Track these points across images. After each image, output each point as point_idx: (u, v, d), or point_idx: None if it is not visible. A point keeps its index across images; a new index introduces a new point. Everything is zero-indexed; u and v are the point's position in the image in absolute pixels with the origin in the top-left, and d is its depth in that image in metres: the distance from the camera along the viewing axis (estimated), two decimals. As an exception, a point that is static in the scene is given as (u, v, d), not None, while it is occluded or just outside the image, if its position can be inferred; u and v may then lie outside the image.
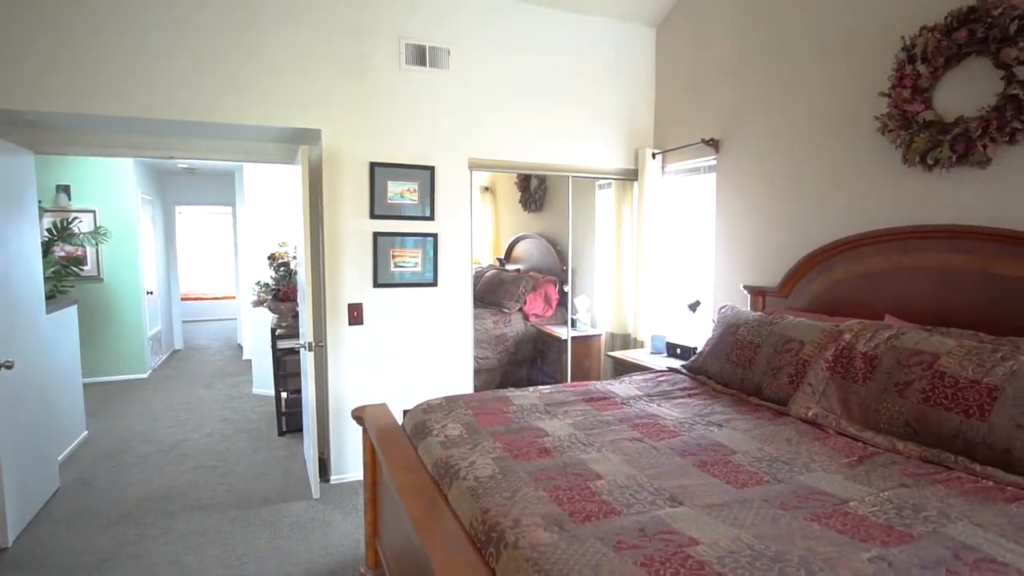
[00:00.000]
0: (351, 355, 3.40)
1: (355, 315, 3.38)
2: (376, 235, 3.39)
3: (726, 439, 1.93)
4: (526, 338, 4.71)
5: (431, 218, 3.51)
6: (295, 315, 4.29)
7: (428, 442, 1.96)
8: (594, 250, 4.56)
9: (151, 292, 6.55)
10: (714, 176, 3.57)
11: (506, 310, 4.71)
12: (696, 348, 3.27)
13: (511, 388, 2.62)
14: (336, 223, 3.31)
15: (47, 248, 4.62)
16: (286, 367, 4.29)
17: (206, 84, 2.98)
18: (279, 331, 4.29)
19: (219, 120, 3.03)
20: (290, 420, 4.31)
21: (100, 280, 5.87)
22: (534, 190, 5.07)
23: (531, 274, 4.93)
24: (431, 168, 3.48)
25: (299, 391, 4.24)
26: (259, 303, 4.66)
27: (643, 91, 4.05)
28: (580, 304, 4.50)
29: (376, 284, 3.42)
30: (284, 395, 4.34)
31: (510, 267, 5.44)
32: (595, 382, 2.73)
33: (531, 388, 2.59)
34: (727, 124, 3.44)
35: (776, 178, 3.12)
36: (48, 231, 4.77)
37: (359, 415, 2.33)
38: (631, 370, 3.34)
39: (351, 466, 3.43)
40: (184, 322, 8.36)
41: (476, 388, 3.84)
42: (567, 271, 4.42)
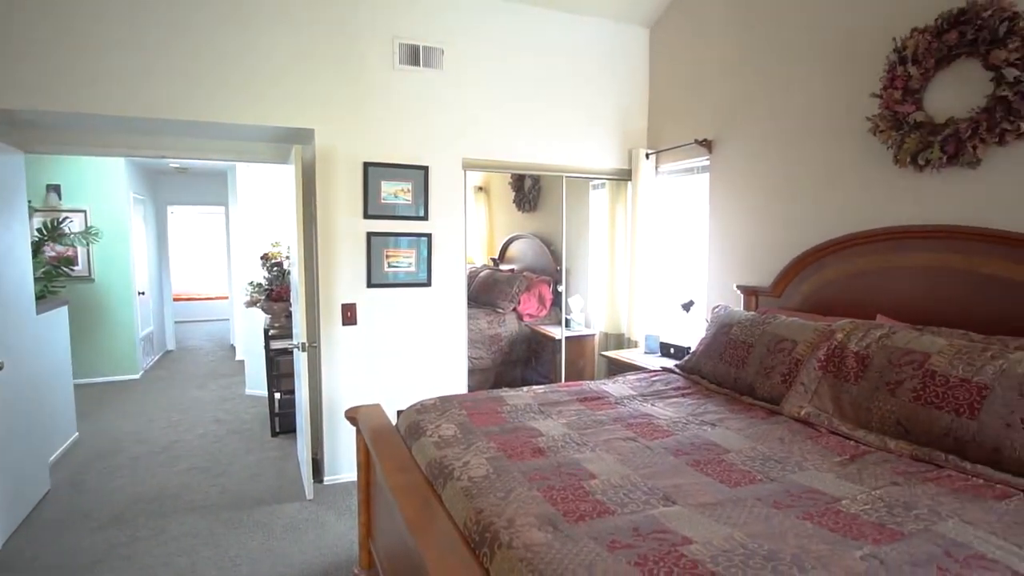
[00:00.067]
0: (345, 355, 3.39)
1: (349, 315, 3.37)
2: (370, 235, 3.38)
3: (719, 438, 1.94)
4: (520, 338, 4.71)
5: (425, 218, 3.51)
6: (288, 315, 4.28)
7: (422, 442, 1.95)
8: (588, 250, 4.56)
9: (143, 292, 6.51)
10: (707, 176, 3.58)
11: (500, 310, 4.71)
12: (689, 348, 3.28)
13: (505, 388, 2.62)
14: (329, 223, 3.30)
15: (37, 248, 4.58)
16: (279, 368, 4.28)
17: (199, 84, 2.96)
18: (272, 331, 4.27)
19: (212, 120, 3.01)
20: (283, 421, 4.29)
21: (91, 280, 5.83)
22: (528, 190, 5.06)
23: (525, 274, 4.93)
24: (425, 168, 3.47)
25: (292, 392, 4.22)
26: (252, 303, 4.64)
27: (637, 91, 4.06)
28: (574, 304, 4.50)
29: (370, 284, 3.41)
30: (277, 396, 4.32)
31: (504, 267, 5.43)
32: (589, 382, 2.74)
33: (525, 388, 2.59)
34: (720, 125, 3.46)
35: (769, 178, 3.13)
36: (38, 231, 4.73)
37: (353, 416, 2.32)
38: (625, 370, 3.35)
39: (345, 467, 3.42)
40: (176, 322, 8.32)
41: (470, 388, 3.84)
42: (561, 271, 4.42)
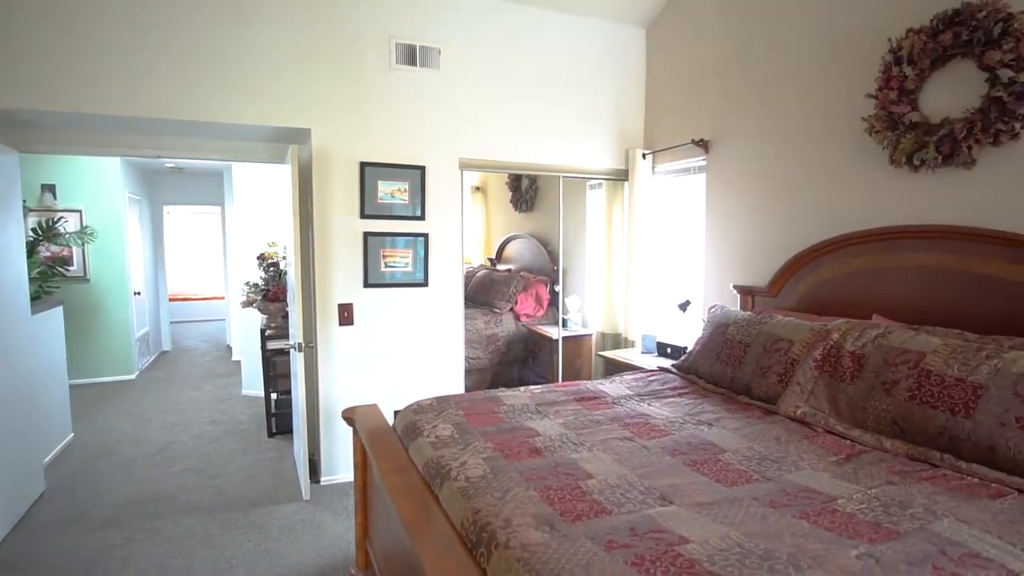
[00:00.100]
0: (341, 356, 3.38)
1: (345, 315, 3.37)
2: (366, 235, 3.37)
3: (716, 438, 1.94)
4: (517, 338, 4.71)
5: (422, 218, 3.51)
6: (285, 315, 4.27)
7: (419, 443, 1.95)
8: (585, 250, 4.56)
9: (138, 293, 6.48)
10: (704, 176, 3.59)
11: (497, 310, 4.71)
12: (686, 348, 3.28)
13: (502, 388, 2.61)
14: (326, 223, 3.29)
15: (32, 248, 4.56)
16: (276, 368, 4.27)
17: (195, 83, 2.95)
18: (269, 332, 4.26)
19: (208, 119, 3.00)
20: (280, 421, 4.28)
21: (86, 280, 5.80)
22: (525, 190, 5.06)
23: (522, 274, 4.93)
24: (421, 168, 3.47)
25: (289, 392, 4.22)
26: (248, 303, 4.63)
27: (633, 91, 4.07)
28: (571, 304, 4.50)
29: (366, 284, 3.40)
30: (274, 396, 4.31)
31: (501, 267, 5.43)
32: (586, 382, 2.74)
33: (522, 388, 2.59)
34: (716, 125, 3.46)
35: (765, 178, 3.14)
36: (33, 231, 4.71)
37: (349, 416, 2.32)
38: (622, 370, 3.35)
39: (341, 467, 3.41)
40: (172, 323, 8.29)
41: (467, 388, 3.83)
42: (558, 271, 4.43)
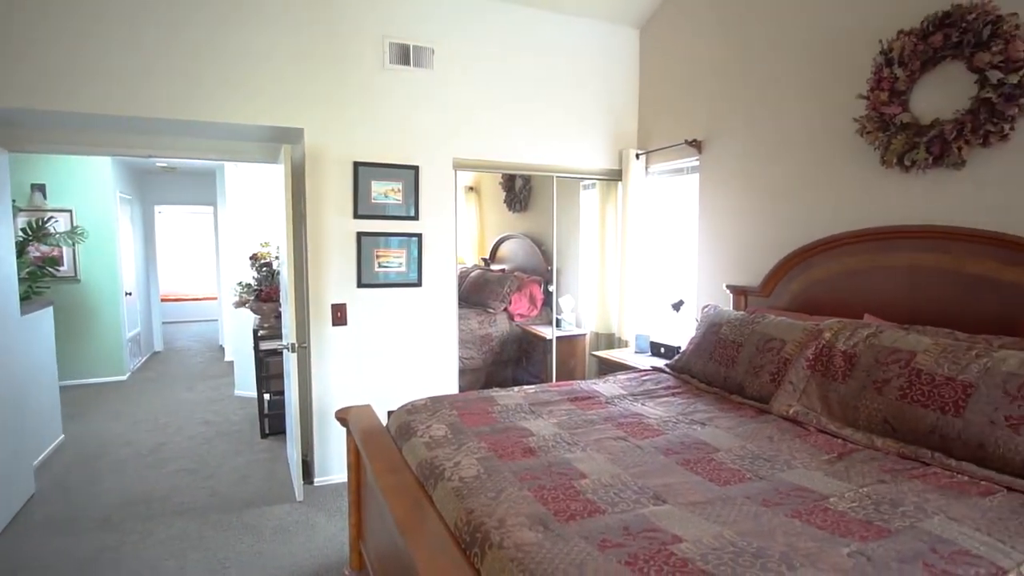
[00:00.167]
0: (335, 356, 3.37)
1: (339, 316, 3.36)
2: (360, 235, 3.36)
3: (709, 437, 1.95)
4: (511, 338, 4.71)
5: (415, 218, 3.50)
6: (278, 316, 4.25)
7: (413, 443, 1.95)
8: (579, 250, 4.57)
9: (130, 293, 6.44)
10: (697, 177, 3.60)
11: (491, 310, 4.71)
12: (680, 347, 3.30)
13: (496, 388, 2.61)
14: (319, 223, 3.28)
15: (21, 248, 4.52)
16: (269, 368, 4.25)
17: (187, 82, 2.93)
18: (262, 332, 4.24)
19: (200, 118, 2.99)
20: (273, 422, 4.26)
21: (77, 281, 5.75)
22: (519, 190, 5.07)
23: (516, 274, 4.93)
24: (415, 168, 3.46)
25: (282, 393, 4.19)
26: (241, 304, 4.60)
27: (627, 92, 4.07)
28: (565, 304, 4.51)
29: (360, 284, 3.39)
30: (267, 397, 4.29)
31: (495, 267, 5.43)
32: (580, 381, 2.74)
33: (516, 388, 2.59)
34: (710, 125, 3.48)
35: (757, 179, 3.15)
36: (23, 231, 4.67)
37: (343, 416, 2.31)
38: (615, 369, 3.36)
39: (335, 468, 3.40)
40: (164, 323, 8.24)
41: (461, 388, 3.83)
42: (552, 271, 4.43)
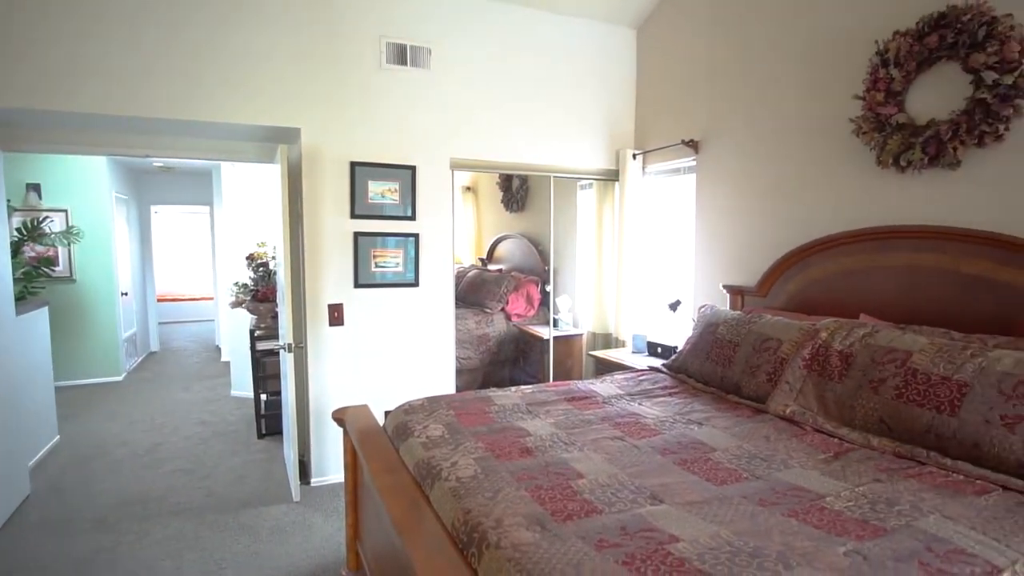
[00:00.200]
0: (332, 356, 3.37)
1: (336, 316, 3.35)
2: (357, 235, 3.36)
3: (706, 437, 1.95)
4: (508, 338, 4.71)
5: (412, 218, 3.50)
6: (274, 316, 4.24)
7: (410, 443, 1.95)
8: (576, 250, 4.57)
9: (126, 293, 6.42)
10: (694, 177, 3.60)
11: (488, 310, 4.71)
12: (676, 347, 3.30)
13: (493, 388, 2.61)
14: (316, 223, 3.28)
15: (16, 248, 4.50)
16: (265, 369, 4.24)
17: (183, 81, 2.92)
18: (258, 332, 4.24)
19: (196, 118, 2.98)
20: (269, 423, 4.26)
21: (72, 281, 5.73)
22: (516, 190, 5.07)
23: (513, 274, 4.93)
24: (412, 168, 3.46)
25: (279, 393, 4.19)
26: (238, 304, 4.59)
27: (624, 92, 4.08)
28: (562, 304, 4.51)
29: (357, 284, 3.39)
30: (263, 397, 4.28)
31: (492, 267, 5.43)
32: (577, 381, 2.74)
33: (513, 388, 2.59)
34: (706, 125, 3.48)
35: (754, 179, 3.16)
36: (17, 231, 4.65)
37: (340, 417, 2.31)
38: (612, 369, 3.36)
39: (332, 468, 3.40)
40: (160, 324, 8.21)
41: (458, 388, 3.83)
42: (549, 271, 4.43)
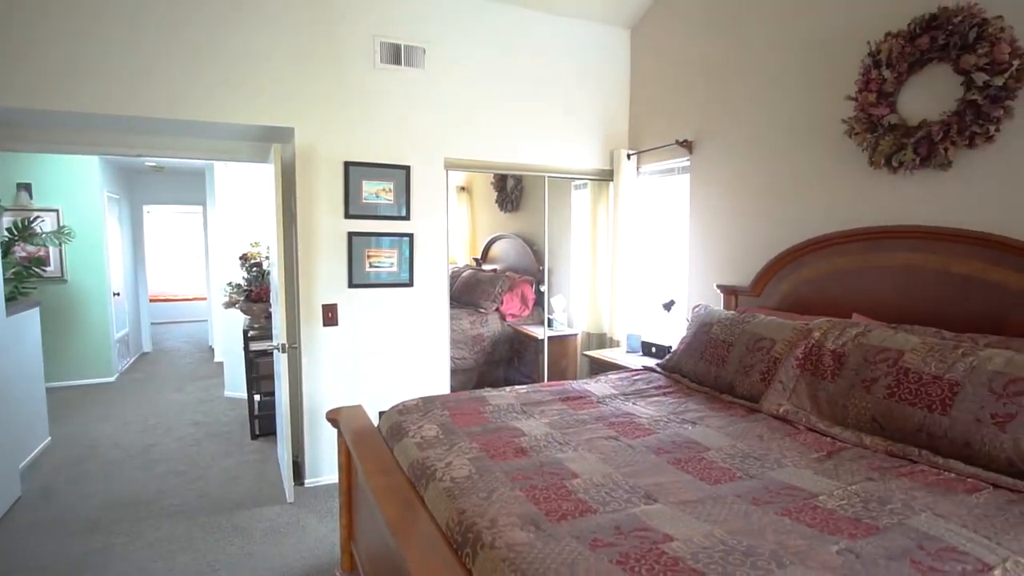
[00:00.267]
0: (326, 356, 3.36)
1: (329, 316, 3.34)
2: (351, 235, 3.35)
3: (700, 436, 1.96)
4: (503, 338, 4.71)
5: (407, 218, 3.49)
6: (268, 316, 4.22)
7: (404, 443, 1.94)
8: (570, 250, 4.58)
9: (118, 293, 6.37)
10: (688, 177, 3.61)
11: (483, 310, 4.71)
12: (671, 347, 3.31)
13: (488, 388, 2.61)
14: (310, 223, 3.27)
15: (7, 248, 4.47)
16: (259, 369, 4.22)
17: (176, 81, 2.91)
18: (252, 333, 4.22)
19: (189, 117, 2.96)
20: (263, 423, 4.24)
21: (64, 281, 5.69)
22: (510, 190, 5.07)
23: (507, 274, 4.93)
24: (406, 168, 3.46)
25: (272, 394, 4.17)
26: (231, 304, 4.57)
27: (618, 92, 4.09)
28: (556, 304, 4.51)
29: (351, 284, 3.38)
30: (257, 398, 4.26)
31: (487, 267, 5.43)
32: (571, 381, 2.75)
33: (508, 388, 2.59)
34: (701, 126, 3.49)
35: (748, 179, 3.17)
36: (8, 231, 4.62)
37: (334, 417, 2.30)
38: (607, 369, 3.37)
39: (326, 469, 3.38)
40: (153, 324, 8.16)
41: (453, 388, 3.82)
42: (543, 271, 4.43)
